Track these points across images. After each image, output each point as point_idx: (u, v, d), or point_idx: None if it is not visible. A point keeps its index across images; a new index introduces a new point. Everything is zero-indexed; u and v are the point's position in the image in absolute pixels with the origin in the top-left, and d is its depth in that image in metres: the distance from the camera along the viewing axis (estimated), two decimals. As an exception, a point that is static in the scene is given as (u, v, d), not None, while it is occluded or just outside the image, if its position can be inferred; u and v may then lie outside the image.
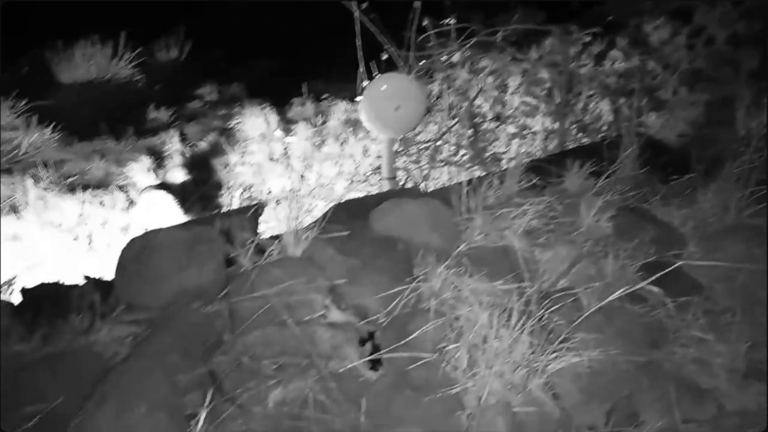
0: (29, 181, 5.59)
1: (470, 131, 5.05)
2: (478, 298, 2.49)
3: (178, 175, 6.07)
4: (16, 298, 2.93)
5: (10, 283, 4.24)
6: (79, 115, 7.75)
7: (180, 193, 5.83)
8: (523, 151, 5.39)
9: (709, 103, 5.96)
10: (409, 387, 2.27)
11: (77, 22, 8.67)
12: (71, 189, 5.78)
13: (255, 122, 7.08)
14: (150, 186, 5.84)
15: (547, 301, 2.52)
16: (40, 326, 2.51)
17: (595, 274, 2.84)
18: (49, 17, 8.74)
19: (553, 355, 2.36)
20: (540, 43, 5.88)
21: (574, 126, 5.13)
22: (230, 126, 7.22)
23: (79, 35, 8.63)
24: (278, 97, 7.94)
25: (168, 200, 5.71)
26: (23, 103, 7.30)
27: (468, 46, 4.80)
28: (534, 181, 3.46)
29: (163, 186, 5.74)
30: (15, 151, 6.56)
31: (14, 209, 5.33)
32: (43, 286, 2.91)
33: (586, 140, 5.08)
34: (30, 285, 3.12)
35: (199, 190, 5.94)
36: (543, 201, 3.25)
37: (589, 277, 2.85)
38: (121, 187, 5.81)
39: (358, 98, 4.56)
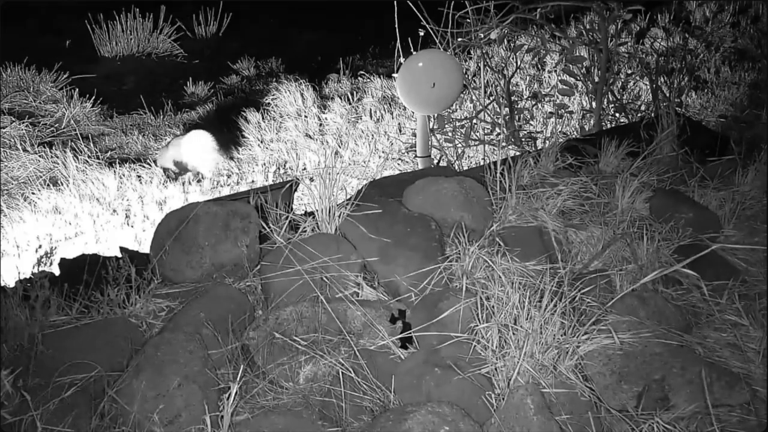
0: (69, 154, 5.68)
1: (506, 110, 5.01)
2: (509, 278, 2.49)
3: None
4: (56, 269, 2.99)
5: (50, 253, 4.34)
6: (118, 88, 7.87)
7: (216, 167, 5.89)
8: (559, 130, 5.33)
9: (753, 83, 5.85)
10: (439, 365, 2.28)
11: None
12: (110, 163, 5.86)
13: (291, 98, 7.10)
14: (193, 128, 6.00)
15: (579, 282, 2.51)
16: (79, 297, 2.57)
17: (629, 256, 2.83)
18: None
19: (585, 336, 2.36)
20: (579, 20, 5.80)
21: (612, 106, 5.06)
22: (266, 101, 7.25)
23: (121, 9, 8.74)
24: (315, 72, 7.97)
25: (209, 140, 5.85)
26: (65, 76, 7.42)
27: (506, 23, 4.74)
28: (570, 161, 3.44)
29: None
30: (56, 124, 6.68)
31: (55, 182, 5.43)
32: (81, 258, 2.96)
33: (623, 120, 5.01)
34: (69, 256, 3.18)
35: (234, 164, 5.98)
36: (578, 181, 3.24)
37: (623, 258, 2.84)
38: (156, 161, 5.88)
39: (394, 75, 4.54)
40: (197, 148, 5.80)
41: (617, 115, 5.13)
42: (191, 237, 2.81)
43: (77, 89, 7.20)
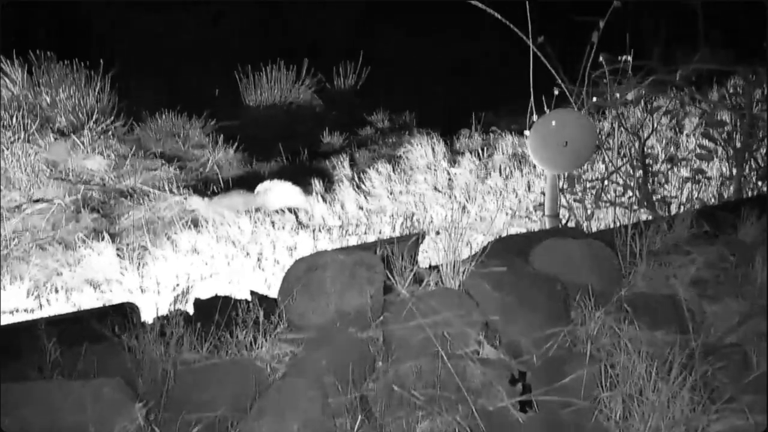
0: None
1: (640, 172, 4.89)
2: (636, 346, 2.41)
3: (345, 200, 6.28)
4: (191, 308, 3.13)
5: (186, 292, 4.56)
6: (259, 135, 8.27)
7: (344, 217, 6.03)
8: (695, 196, 5.15)
9: None
10: (559, 432, 2.23)
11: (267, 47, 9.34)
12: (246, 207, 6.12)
13: (422, 151, 7.21)
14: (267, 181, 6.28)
15: (712, 356, 2.40)
16: (210, 337, 2.67)
17: (768, 332, 2.68)
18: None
19: (716, 415, 2.24)
20: (722, 83, 5.61)
21: (754, 173, 4.84)
22: (398, 154, 7.39)
23: (267, 60, 9.25)
24: (446, 127, 8.08)
25: (285, 187, 6.08)
26: (212, 122, 7.88)
27: (644, 84, 4.66)
28: (705, 228, 3.31)
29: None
30: (200, 168, 7.07)
31: (195, 223, 5.72)
32: (214, 299, 3.09)
33: (765, 189, 4.78)
34: (203, 296, 3.33)
35: (363, 215, 6.11)
36: (714, 250, 3.11)
37: (761, 334, 2.69)
38: (290, 209, 6.09)
39: (526, 132, 4.54)
40: (280, 196, 6.07)
41: (760, 183, 4.90)
42: (318, 284, 2.88)
43: (222, 135, 7.62)
